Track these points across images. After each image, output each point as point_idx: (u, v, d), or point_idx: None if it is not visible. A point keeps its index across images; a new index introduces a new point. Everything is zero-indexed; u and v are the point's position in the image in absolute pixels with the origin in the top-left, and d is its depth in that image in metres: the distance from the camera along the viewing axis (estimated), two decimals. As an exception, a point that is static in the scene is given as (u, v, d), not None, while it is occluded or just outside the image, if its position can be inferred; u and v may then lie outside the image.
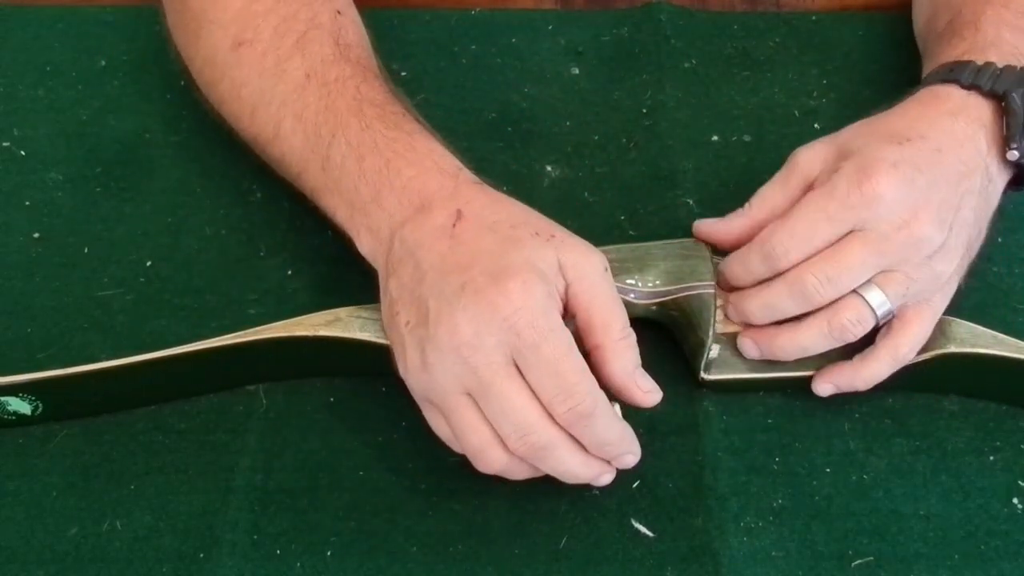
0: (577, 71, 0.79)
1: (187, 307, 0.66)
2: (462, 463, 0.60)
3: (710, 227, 0.64)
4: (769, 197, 0.62)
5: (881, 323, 0.59)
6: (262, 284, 0.67)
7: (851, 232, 0.58)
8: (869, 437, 0.61)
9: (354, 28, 0.67)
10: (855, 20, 0.83)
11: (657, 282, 0.62)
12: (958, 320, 0.61)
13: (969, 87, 0.62)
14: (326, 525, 0.58)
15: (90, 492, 0.59)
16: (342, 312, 0.60)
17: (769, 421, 0.62)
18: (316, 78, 0.63)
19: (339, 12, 0.67)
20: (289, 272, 0.68)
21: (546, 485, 0.59)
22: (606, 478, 0.56)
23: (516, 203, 0.57)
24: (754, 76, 0.79)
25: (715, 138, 0.75)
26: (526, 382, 0.52)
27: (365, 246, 0.59)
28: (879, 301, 0.58)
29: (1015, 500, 0.59)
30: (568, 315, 0.55)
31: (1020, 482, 0.60)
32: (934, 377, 0.61)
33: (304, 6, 0.66)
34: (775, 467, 0.60)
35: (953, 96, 0.62)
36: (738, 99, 0.77)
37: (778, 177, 0.62)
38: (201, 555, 0.57)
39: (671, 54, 0.80)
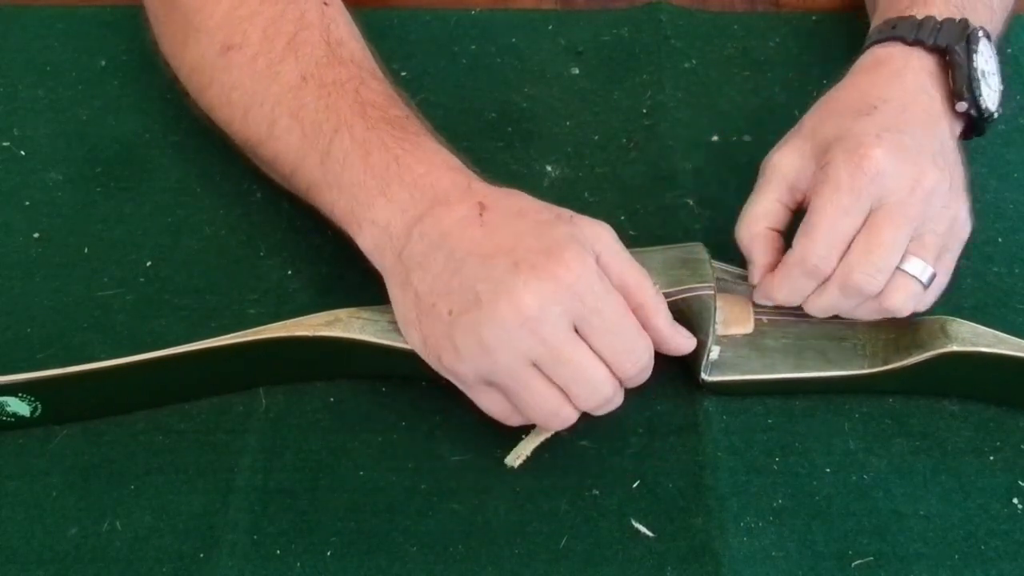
0: (577, 71, 0.79)
1: (187, 307, 0.66)
2: (462, 463, 0.60)
3: (757, 278, 0.62)
4: (757, 207, 0.62)
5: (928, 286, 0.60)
6: (262, 284, 0.67)
7: (871, 213, 0.58)
8: (869, 437, 0.61)
9: (343, 20, 0.67)
10: (855, 20, 0.83)
11: (657, 285, 0.61)
12: (959, 320, 0.61)
13: (912, 43, 0.63)
14: (326, 525, 0.58)
15: (90, 492, 0.59)
16: (342, 313, 0.60)
17: (769, 421, 0.62)
18: (313, 80, 0.62)
19: (325, 3, 0.66)
20: (289, 272, 0.68)
21: (546, 485, 0.59)
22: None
23: (526, 194, 0.58)
24: (754, 76, 0.79)
25: (715, 138, 0.75)
26: (590, 346, 0.54)
27: (368, 240, 0.59)
28: (921, 269, 0.58)
29: (1015, 500, 0.59)
30: None
31: (1020, 482, 0.60)
32: (935, 377, 0.61)
33: (290, 4, 0.65)
34: (775, 467, 0.60)
35: (896, 56, 0.63)
36: (738, 99, 0.78)
37: (756, 187, 0.62)
38: (201, 555, 0.57)
39: (671, 54, 0.80)
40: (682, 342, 0.59)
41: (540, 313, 0.53)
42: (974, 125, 0.65)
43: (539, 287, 0.53)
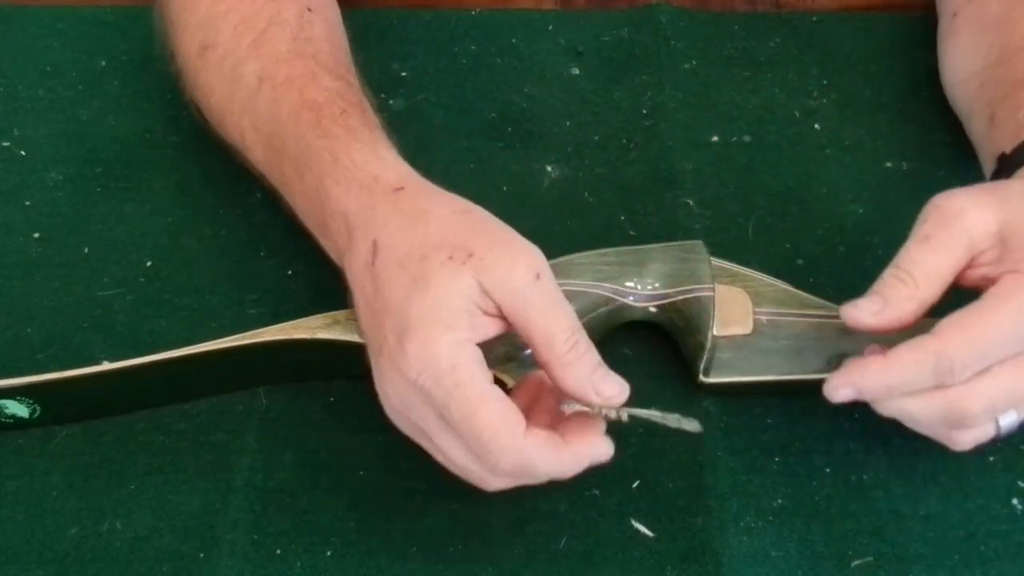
0: (577, 71, 0.79)
1: (187, 307, 0.66)
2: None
3: (874, 318, 0.53)
4: (932, 268, 0.53)
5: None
6: (262, 284, 0.67)
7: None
8: (869, 437, 0.61)
9: (322, 24, 0.65)
10: (855, 20, 0.83)
11: (656, 285, 0.62)
12: None
13: None
14: (326, 525, 0.58)
15: (90, 492, 0.59)
16: (340, 315, 0.60)
17: (769, 421, 0.62)
18: (267, 81, 0.61)
19: (309, 9, 0.65)
20: (289, 272, 0.68)
21: (546, 485, 0.59)
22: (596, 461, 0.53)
23: (436, 213, 0.53)
24: (754, 76, 0.79)
25: (715, 139, 0.75)
26: None
27: (335, 259, 0.60)
28: (1009, 423, 0.53)
29: (1015, 500, 0.59)
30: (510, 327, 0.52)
31: (1020, 482, 0.60)
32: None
33: (269, 3, 0.64)
34: (775, 467, 0.60)
35: None
36: (738, 100, 0.77)
37: (936, 236, 0.53)
38: (201, 555, 0.57)
39: (671, 55, 0.80)
40: (596, 401, 0.51)
41: (400, 405, 0.52)
42: None
43: (393, 380, 0.52)
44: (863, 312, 0.53)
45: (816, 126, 0.75)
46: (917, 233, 0.53)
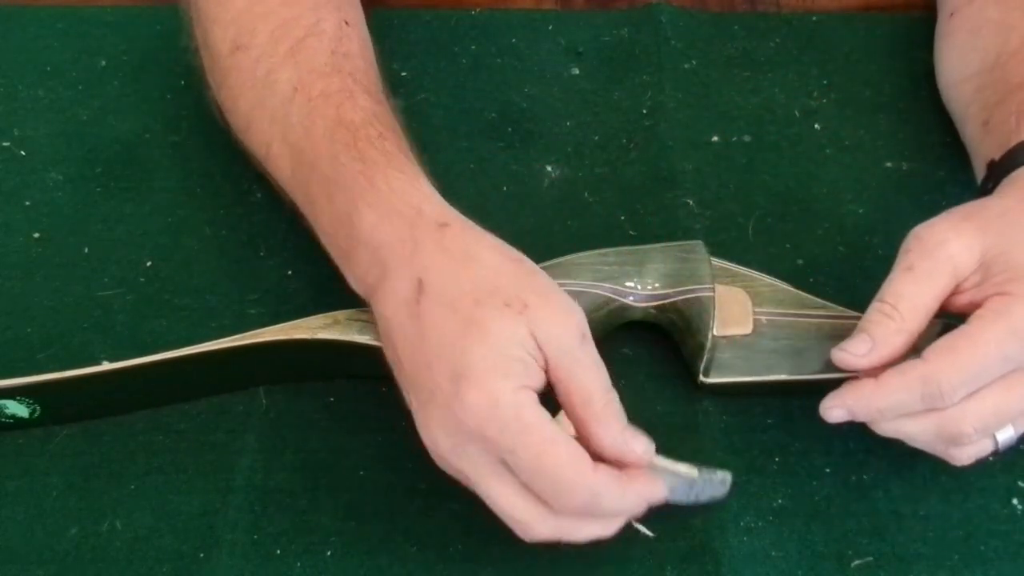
0: (577, 71, 0.79)
1: (187, 307, 0.66)
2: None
3: (865, 360, 0.54)
4: (916, 300, 0.53)
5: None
6: (262, 284, 0.67)
7: (1015, 371, 0.52)
8: (869, 437, 0.61)
9: (359, 41, 0.64)
10: (855, 20, 0.83)
11: (656, 285, 0.62)
12: (960, 322, 0.60)
13: None
14: (326, 525, 0.58)
15: (90, 492, 0.59)
16: (341, 315, 0.60)
17: (769, 421, 0.62)
18: (302, 92, 0.60)
19: (347, 23, 0.63)
20: (289, 272, 0.68)
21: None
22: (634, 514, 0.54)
23: (486, 257, 0.53)
24: (754, 77, 0.79)
25: (715, 139, 0.75)
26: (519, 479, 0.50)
27: (357, 289, 0.57)
28: (1007, 438, 0.54)
29: (1015, 500, 0.59)
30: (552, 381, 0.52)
31: (1020, 482, 0.60)
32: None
33: (310, 11, 0.63)
34: (775, 467, 0.60)
35: None
36: (738, 100, 0.77)
37: (919, 267, 0.53)
38: (201, 555, 0.57)
39: (671, 55, 0.80)
40: (632, 459, 0.52)
41: (454, 451, 0.51)
42: None
43: (448, 427, 0.50)
44: (852, 355, 0.54)
45: (816, 126, 0.76)
46: (900, 264, 0.54)
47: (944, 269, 0.53)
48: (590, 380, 0.51)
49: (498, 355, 0.49)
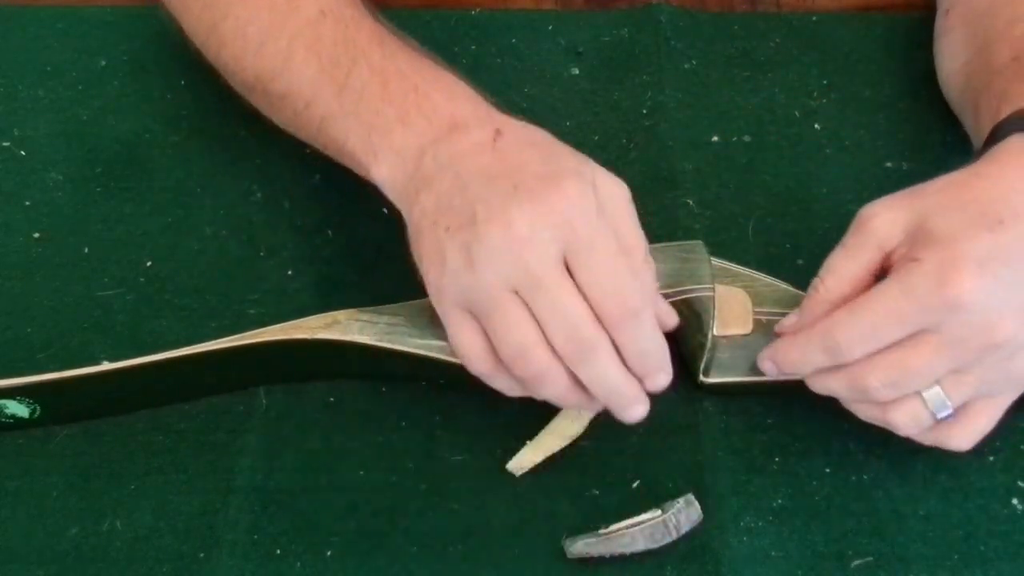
0: (577, 71, 0.79)
1: (187, 307, 0.66)
2: (462, 463, 0.60)
3: (792, 329, 0.58)
4: (843, 271, 0.56)
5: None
6: (262, 284, 0.67)
7: (922, 332, 0.53)
8: (869, 437, 0.61)
9: None
10: (855, 20, 0.83)
11: (656, 285, 0.61)
12: None
13: None
14: (326, 525, 0.58)
15: (90, 492, 0.59)
16: (340, 315, 0.60)
17: (769, 421, 0.62)
18: (331, 15, 0.62)
19: None
20: (289, 272, 0.68)
21: (546, 485, 0.59)
22: (638, 411, 0.56)
23: (548, 133, 0.58)
24: (754, 77, 0.79)
25: (715, 139, 0.75)
26: (576, 283, 0.53)
27: (384, 169, 0.58)
28: (940, 405, 0.54)
29: (1015, 500, 0.59)
30: None
31: (1020, 482, 0.60)
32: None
33: None
34: (775, 467, 0.60)
35: None
36: (738, 100, 0.77)
37: (849, 243, 0.56)
38: (201, 555, 0.57)
39: (671, 55, 0.80)
40: (661, 313, 0.57)
41: (529, 235, 0.52)
42: None
43: (532, 210, 0.52)
44: (784, 328, 0.59)
45: (816, 126, 0.76)
46: (840, 242, 0.58)
47: (869, 242, 0.55)
48: (636, 234, 0.55)
49: (582, 174, 0.54)
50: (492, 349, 0.54)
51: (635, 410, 0.56)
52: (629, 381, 0.55)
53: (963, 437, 0.57)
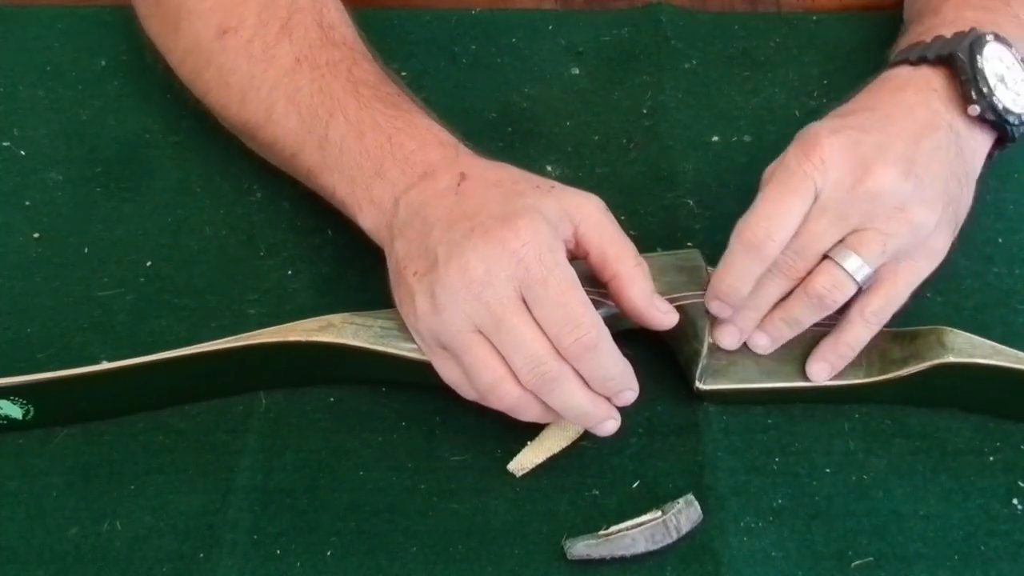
0: (577, 71, 0.79)
1: (187, 307, 0.66)
2: (462, 463, 0.60)
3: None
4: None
5: (864, 286, 0.59)
6: (262, 284, 0.67)
7: (814, 205, 0.58)
8: (869, 437, 0.61)
9: (333, 5, 0.68)
10: (855, 20, 0.83)
11: (652, 286, 0.61)
12: (956, 330, 0.60)
13: (916, 62, 0.63)
14: (326, 525, 0.58)
15: (90, 492, 0.59)
16: (335, 318, 0.60)
17: (769, 421, 0.62)
18: (306, 62, 0.64)
19: None
20: (289, 272, 0.68)
21: (546, 485, 0.59)
22: (610, 425, 0.57)
23: (514, 167, 0.59)
24: (755, 76, 0.79)
25: (715, 139, 0.75)
26: (534, 318, 0.54)
27: (368, 219, 0.60)
28: (855, 265, 0.58)
29: (1015, 500, 0.59)
30: (580, 254, 0.58)
31: (1020, 482, 0.60)
32: (932, 388, 0.61)
33: None
34: (775, 467, 0.60)
35: (901, 74, 0.63)
36: (738, 99, 0.78)
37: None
38: (201, 555, 0.57)
39: (671, 55, 0.80)
40: (658, 317, 0.58)
41: (485, 276, 0.54)
42: (1005, 132, 0.63)
43: (486, 251, 0.54)
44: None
45: (816, 126, 0.75)
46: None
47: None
48: (621, 241, 0.58)
49: (539, 210, 0.55)
50: None
51: (606, 426, 0.57)
52: (596, 403, 0.57)
53: (875, 302, 0.60)
